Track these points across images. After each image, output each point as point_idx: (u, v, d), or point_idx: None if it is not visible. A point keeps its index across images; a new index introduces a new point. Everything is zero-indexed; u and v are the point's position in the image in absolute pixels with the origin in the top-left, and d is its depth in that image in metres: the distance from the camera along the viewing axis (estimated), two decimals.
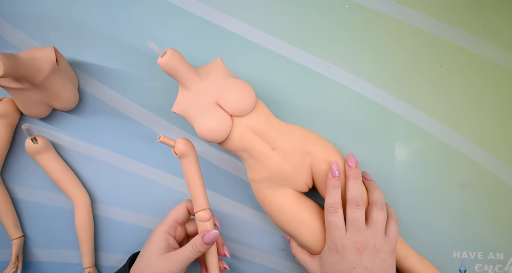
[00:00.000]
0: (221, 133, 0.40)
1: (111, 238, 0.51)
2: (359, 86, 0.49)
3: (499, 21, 0.48)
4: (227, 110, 0.41)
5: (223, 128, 0.40)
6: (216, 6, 0.50)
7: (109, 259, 0.51)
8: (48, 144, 0.48)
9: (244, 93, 0.41)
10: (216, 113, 0.40)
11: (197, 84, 0.42)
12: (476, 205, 0.47)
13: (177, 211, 0.44)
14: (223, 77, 0.42)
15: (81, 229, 0.49)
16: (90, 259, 0.49)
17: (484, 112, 0.48)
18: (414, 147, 0.48)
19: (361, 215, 0.41)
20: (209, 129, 0.40)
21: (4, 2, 0.51)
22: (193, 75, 0.42)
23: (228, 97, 0.40)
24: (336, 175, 0.42)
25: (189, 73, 0.41)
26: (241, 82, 0.42)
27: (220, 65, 0.43)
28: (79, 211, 0.49)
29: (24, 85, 0.44)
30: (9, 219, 0.49)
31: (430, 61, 0.48)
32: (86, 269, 0.49)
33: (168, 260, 0.41)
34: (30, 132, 0.45)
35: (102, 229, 0.51)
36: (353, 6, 0.49)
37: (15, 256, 0.49)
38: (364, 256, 0.40)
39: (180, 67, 0.41)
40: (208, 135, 0.40)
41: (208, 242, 0.41)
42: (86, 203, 0.49)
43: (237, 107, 0.40)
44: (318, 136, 0.44)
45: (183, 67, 0.41)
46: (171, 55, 0.40)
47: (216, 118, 0.40)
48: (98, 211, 0.51)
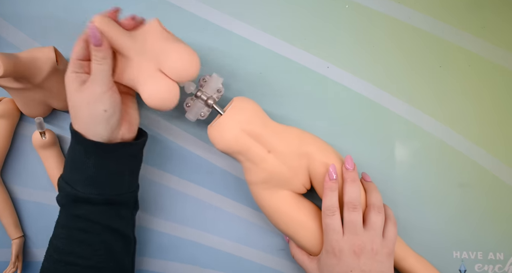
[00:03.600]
0: (169, 101, 0.40)
1: None
2: (359, 86, 0.49)
3: (499, 21, 0.48)
4: (170, 77, 0.39)
5: (169, 95, 0.39)
6: (216, 6, 0.50)
7: None
8: (55, 141, 0.49)
9: (186, 58, 0.39)
10: (161, 81, 0.39)
11: (134, 49, 0.39)
12: (475, 205, 0.47)
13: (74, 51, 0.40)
14: (162, 41, 0.40)
15: None
16: None
17: (484, 112, 0.48)
18: (413, 147, 0.48)
19: (358, 218, 0.41)
20: (155, 97, 0.39)
21: (5, 2, 0.51)
22: (128, 41, 0.39)
23: (171, 64, 0.39)
24: (333, 177, 0.42)
25: (124, 39, 0.39)
26: (181, 46, 0.40)
27: (157, 28, 0.41)
28: None
29: (24, 85, 0.44)
30: (9, 219, 0.49)
31: (430, 61, 0.48)
32: None
33: (87, 87, 0.38)
34: (42, 126, 0.46)
35: None
36: (353, 6, 0.49)
37: (15, 256, 0.49)
38: (361, 259, 0.40)
39: (111, 34, 0.38)
40: (155, 103, 0.39)
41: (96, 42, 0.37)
42: None
43: (180, 73, 0.39)
44: (315, 137, 0.44)
45: (114, 33, 0.38)
46: (99, 22, 0.38)
47: (161, 86, 0.39)
48: None
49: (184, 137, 0.50)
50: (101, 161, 0.40)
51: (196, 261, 0.49)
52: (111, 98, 0.39)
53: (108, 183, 0.41)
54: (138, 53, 0.40)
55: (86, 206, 0.40)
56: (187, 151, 0.50)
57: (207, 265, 0.50)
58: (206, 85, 0.44)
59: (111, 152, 0.41)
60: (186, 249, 0.49)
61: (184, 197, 0.50)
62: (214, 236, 0.49)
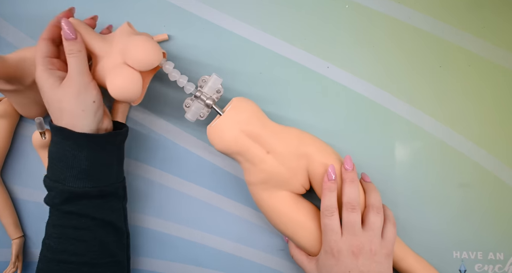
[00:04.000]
0: (131, 90, 0.41)
1: None
2: (359, 86, 0.49)
3: (499, 21, 0.48)
4: (133, 66, 0.41)
5: (132, 85, 0.41)
6: (216, 6, 0.50)
7: None
8: None
9: (145, 47, 0.41)
10: (123, 71, 0.41)
11: (104, 49, 0.42)
12: (476, 205, 0.47)
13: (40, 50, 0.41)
14: (126, 37, 0.42)
15: None
16: None
17: (484, 112, 0.48)
18: (414, 147, 0.48)
19: (357, 218, 0.41)
20: (118, 87, 0.40)
21: (4, 2, 0.51)
22: (98, 41, 0.42)
23: (131, 54, 0.41)
24: (332, 178, 0.42)
25: (94, 40, 0.42)
26: (142, 36, 0.41)
27: (125, 28, 0.43)
28: None
29: (16, 87, 0.44)
30: (9, 219, 0.49)
31: (430, 61, 0.48)
32: None
33: (72, 80, 0.39)
34: (42, 126, 0.46)
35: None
36: (353, 6, 0.49)
37: (15, 256, 0.49)
38: (360, 260, 0.40)
39: (83, 36, 0.41)
40: (119, 93, 0.41)
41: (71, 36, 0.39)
42: None
43: (141, 61, 0.41)
44: (314, 137, 0.44)
45: (86, 36, 0.41)
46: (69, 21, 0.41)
47: (124, 76, 0.40)
48: None
49: (184, 137, 0.50)
50: (93, 153, 0.40)
51: (197, 261, 0.49)
52: (96, 89, 0.41)
53: (100, 174, 0.41)
54: (107, 52, 0.42)
55: (82, 201, 0.40)
56: (187, 151, 0.50)
57: (207, 265, 0.50)
58: (205, 86, 0.44)
59: (102, 143, 0.41)
60: (186, 249, 0.49)
61: (184, 197, 0.50)
62: (214, 236, 0.49)
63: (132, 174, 0.50)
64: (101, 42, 0.42)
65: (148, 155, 0.50)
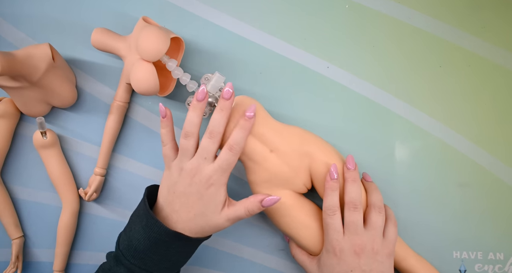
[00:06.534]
0: (148, 83, 0.42)
1: (107, 237, 0.51)
2: (359, 86, 0.49)
3: (499, 21, 0.48)
4: (143, 58, 0.42)
5: (148, 77, 0.41)
6: (216, 6, 0.50)
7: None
8: (56, 141, 0.49)
9: (149, 37, 0.41)
10: (138, 65, 0.42)
11: (127, 48, 0.45)
12: (475, 204, 0.47)
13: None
14: (139, 31, 0.43)
15: (61, 232, 0.49)
16: (62, 263, 0.49)
17: (484, 112, 0.48)
18: (413, 147, 0.48)
19: (359, 218, 0.41)
20: (137, 81, 0.42)
21: (4, 2, 0.51)
22: (121, 43, 0.45)
23: (139, 46, 0.41)
24: (334, 177, 0.42)
25: (117, 42, 0.45)
26: (148, 28, 0.42)
27: (140, 23, 0.44)
28: (64, 214, 0.49)
29: (22, 84, 0.44)
30: (9, 219, 0.49)
31: (430, 61, 0.48)
32: (55, 271, 0.49)
33: (226, 220, 0.40)
34: (43, 126, 0.46)
35: (96, 227, 0.51)
36: (353, 6, 0.49)
37: (15, 256, 0.49)
38: (362, 259, 0.40)
39: (107, 40, 0.45)
40: (138, 86, 0.42)
41: (267, 205, 0.40)
42: (74, 208, 0.49)
43: (146, 52, 0.41)
44: (317, 137, 0.44)
45: (109, 39, 0.45)
46: (95, 32, 0.45)
47: (138, 70, 0.42)
48: (92, 209, 0.51)
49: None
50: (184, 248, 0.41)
51: (197, 261, 0.49)
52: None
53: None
54: (128, 51, 0.44)
55: None
56: None
57: (207, 265, 0.50)
58: (208, 84, 0.43)
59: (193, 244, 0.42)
60: None
61: None
62: (214, 236, 0.49)
63: (132, 173, 0.50)
64: (123, 43, 0.45)
65: (148, 154, 0.50)
